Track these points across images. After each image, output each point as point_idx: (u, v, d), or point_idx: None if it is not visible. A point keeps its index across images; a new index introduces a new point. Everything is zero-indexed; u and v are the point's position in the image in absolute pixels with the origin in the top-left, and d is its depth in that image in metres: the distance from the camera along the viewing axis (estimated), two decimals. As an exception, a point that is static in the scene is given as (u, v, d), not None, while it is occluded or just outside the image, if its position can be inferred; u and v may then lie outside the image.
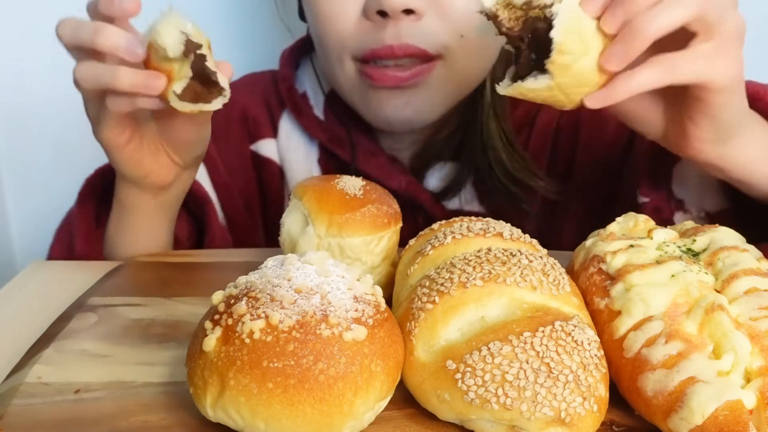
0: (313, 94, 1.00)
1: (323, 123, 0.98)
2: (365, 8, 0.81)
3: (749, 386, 0.46)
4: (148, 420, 0.49)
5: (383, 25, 0.80)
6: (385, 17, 0.79)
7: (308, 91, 1.00)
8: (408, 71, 0.82)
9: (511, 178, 0.91)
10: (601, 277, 0.56)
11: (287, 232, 0.66)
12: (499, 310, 0.51)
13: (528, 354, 0.46)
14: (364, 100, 0.88)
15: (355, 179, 0.67)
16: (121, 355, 0.57)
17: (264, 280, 0.48)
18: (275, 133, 1.02)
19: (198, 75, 0.62)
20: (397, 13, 0.78)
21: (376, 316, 0.48)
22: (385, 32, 0.80)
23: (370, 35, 0.81)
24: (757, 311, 0.49)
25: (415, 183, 0.95)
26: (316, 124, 0.98)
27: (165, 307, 0.66)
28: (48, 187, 1.26)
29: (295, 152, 1.01)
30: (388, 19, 0.79)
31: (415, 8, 0.78)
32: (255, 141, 1.01)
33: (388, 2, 0.77)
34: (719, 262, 0.55)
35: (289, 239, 0.66)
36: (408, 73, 0.82)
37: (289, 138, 1.01)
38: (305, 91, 1.00)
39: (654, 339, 0.49)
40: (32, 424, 0.48)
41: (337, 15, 0.82)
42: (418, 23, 0.80)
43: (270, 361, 0.44)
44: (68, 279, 0.76)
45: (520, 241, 0.59)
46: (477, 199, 0.96)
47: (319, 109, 0.99)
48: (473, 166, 0.93)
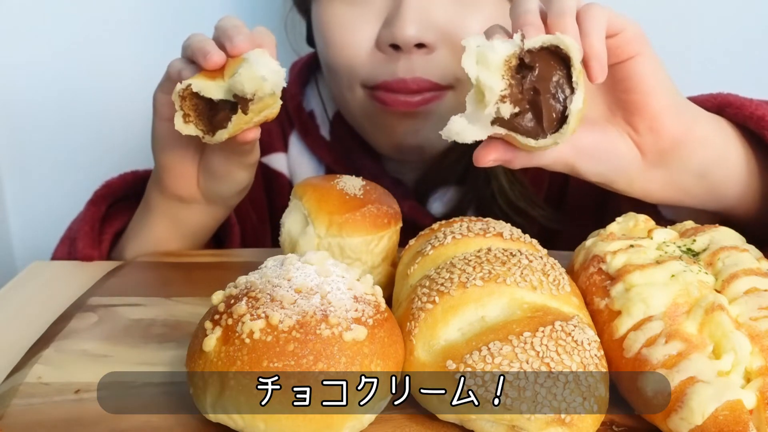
0: (319, 113, 1.01)
1: (329, 143, 0.99)
2: (378, 40, 0.81)
3: (749, 386, 0.46)
4: (148, 420, 0.49)
5: (396, 58, 0.81)
6: (398, 50, 0.80)
7: (315, 110, 1.01)
8: (420, 96, 0.83)
9: (513, 207, 0.91)
10: (601, 277, 0.56)
11: (287, 232, 0.66)
12: (499, 310, 0.51)
13: (528, 354, 0.46)
14: (375, 125, 0.89)
15: (355, 179, 0.66)
16: (121, 355, 0.57)
17: (264, 280, 0.48)
18: (286, 148, 1.03)
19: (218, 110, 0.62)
20: (410, 47, 0.79)
21: (376, 316, 0.48)
22: (398, 65, 0.81)
23: (383, 67, 0.82)
24: (757, 311, 0.49)
25: (418, 207, 0.95)
26: (321, 145, 0.99)
27: (165, 307, 0.66)
28: (48, 188, 1.26)
29: (304, 168, 1.02)
30: (400, 52, 0.80)
31: (427, 43, 0.79)
32: (267, 154, 1.02)
33: (401, 36, 0.78)
34: (719, 262, 0.54)
35: (290, 239, 0.66)
36: (419, 99, 0.82)
37: (299, 154, 1.02)
38: (312, 110, 1.01)
39: (654, 339, 0.49)
40: (32, 424, 0.48)
41: (349, 45, 0.83)
42: (429, 57, 0.81)
43: (270, 361, 0.44)
44: (68, 279, 0.76)
45: (520, 241, 0.59)
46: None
47: (326, 129, 1.00)
48: (476, 192, 0.94)
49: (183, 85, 0.61)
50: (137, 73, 1.20)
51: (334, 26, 0.84)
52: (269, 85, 0.60)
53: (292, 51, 1.10)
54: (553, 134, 0.53)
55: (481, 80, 0.52)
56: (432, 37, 0.80)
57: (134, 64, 1.19)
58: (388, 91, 0.83)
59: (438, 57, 0.81)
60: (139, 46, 1.20)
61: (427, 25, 0.79)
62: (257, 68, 0.59)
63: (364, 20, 0.82)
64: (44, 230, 1.28)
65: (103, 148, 1.24)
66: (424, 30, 0.79)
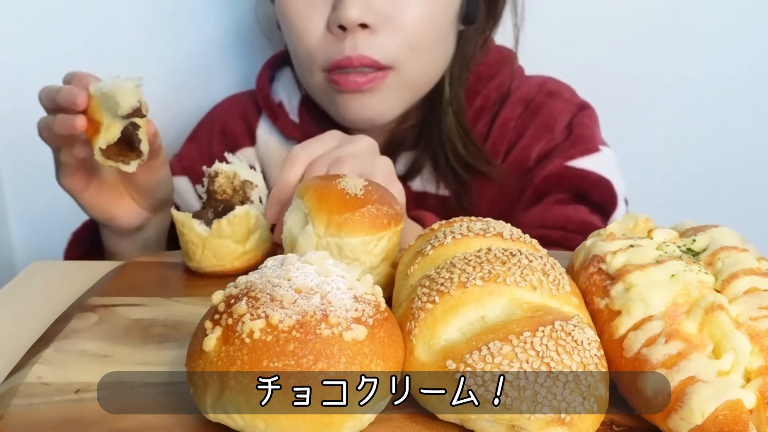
0: (288, 102, 1.11)
1: (298, 125, 1.10)
2: (328, 23, 0.94)
3: (749, 386, 0.46)
4: (148, 420, 0.49)
5: (343, 38, 0.93)
6: (345, 31, 0.92)
7: (284, 100, 1.12)
8: (365, 78, 0.95)
9: (464, 165, 1.03)
10: (601, 277, 0.56)
11: (288, 231, 0.66)
12: (499, 310, 0.51)
13: (528, 354, 0.46)
14: (332, 103, 1.00)
15: (357, 179, 0.66)
16: (121, 355, 0.57)
17: (264, 280, 0.48)
18: (253, 142, 1.14)
19: (125, 137, 0.71)
20: (353, 27, 0.91)
21: (376, 316, 0.48)
22: (345, 44, 0.92)
23: (333, 47, 0.94)
24: (757, 311, 0.49)
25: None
26: (291, 126, 1.10)
27: (165, 307, 0.66)
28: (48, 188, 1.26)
29: (273, 155, 1.12)
30: (346, 32, 0.92)
31: (368, 23, 0.91)
32: (234, 151, 1.07)
33: (345, 17, 0.90)
34: (719, 261, 0.54)
35: (290, 238, 0.66)
36: (365, 79, 0.95)
37: (266, 144, 1.13)
38: (281, 101, 1.12)
39: (654, 339, 0.49)
40: (32, 424, 0.48)
41: (305, 29, 0.95)
42: (372, 37, 0.92)
43: (270, 361, 0.44)
44: (68, 279, 0.76)
45: (520, 241, 0.59)
46: (434, 182, 1.08)
47: (294, 115, 1.11)
48: (432, 152, 1.05)
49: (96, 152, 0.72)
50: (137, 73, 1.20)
51: (291, 13, 0.96)
52: (133, 84, 0.71)
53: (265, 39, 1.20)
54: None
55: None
56: (373, 18, 0.91)
57: (134, 64, 1.19)
58: (341, 74, 0.94)
59: (379, 38, 0.93)
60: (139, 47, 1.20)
61: (368, 7, 0.91)
62: (120, 89, 0.70)
63: (315, 7, 0.94)
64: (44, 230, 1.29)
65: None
66: (365, 11, 0.90)
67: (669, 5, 1.22)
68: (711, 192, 1.34)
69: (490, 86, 1.06)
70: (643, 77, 1.26)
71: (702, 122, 1.30)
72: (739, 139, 1.31)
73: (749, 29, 1.22)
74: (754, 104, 1.28)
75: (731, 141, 1.31)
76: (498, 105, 1.07)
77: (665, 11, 1.22)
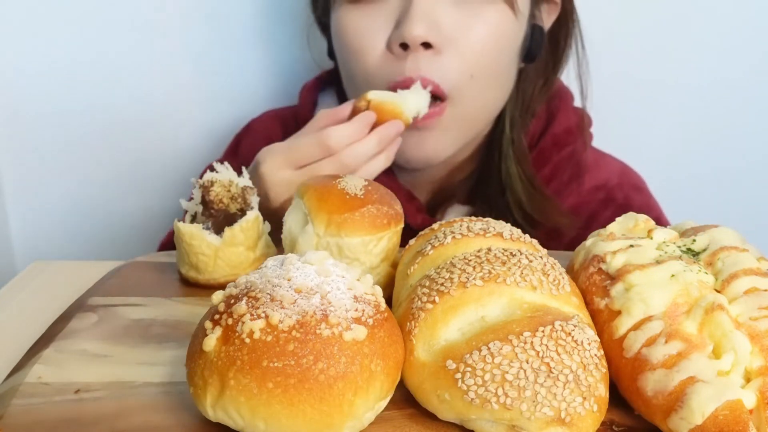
0: None
1: None
2: (389, 42, 0.88)
3: (749, 386, 0.46)
4: (148, 420, 0.49)
5: (404, 57, 0.87)
6: (406, 50, 0.86)
7: None
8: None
9: (529, 220, 0.96)
10: (601, 277, 0.56)
11: (288, 230, 0.66)
12: (499, 310, 0.51)
13: (528, 354, 0.46)
14: None
15: (357, 179, 0.66)
16: (121, 355, 0.57)
17: (264, 280, 0.48)
18: None
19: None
20: (416, 46, 0.85)
21: (376, 316, 0.48)
22: (406, 64, 0.87)
23: (393, 67, 0.88)
24: (757, 311, 0.49)
25: (431, 221, 0.97)
26: None
27: (165, 307, 0.66)
28: (48, 187, 1.26)
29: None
30: (408, 51, 0.86)
31: (433, 43, 0.85)
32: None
33: (409, 34, 0.84)
34: (719, 261, 0.54)
35: (290, 237, 0.66)
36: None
37: None
38: None
39: (654, 339, 0.49)
40: (32, 424, 0.48)
41: (364, 48, 0.90)
42: (435, 58, 0.87)
43: (270, 361, 0.44)
44: (68, 279, 0.76)
45: (520, 241, 0.59)
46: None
47: None
48: (490, 206, 0.99)
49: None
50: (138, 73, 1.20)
51: (350, 33, 0.91)
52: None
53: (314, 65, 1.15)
54: None
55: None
56: (438, 37, 0.85)
57: (135, 64, 1.19)
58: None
59: (442, 60, 0.87)
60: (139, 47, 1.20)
61: (434, 26, 0.85)
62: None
63: (376, 26, 0.89)
64: (44, 230, 1.29)
65: (103, 149, 1.24)
66: (430, 30, 0.85)
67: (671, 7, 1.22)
68: (711, 192, 1.34)
69: (563, 153, 1.00)
70: (644, 78, 1.26)
71: (702, 123, 1.30)
72: (739, 139, 1.31)
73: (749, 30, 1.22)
74: (754, 105, 1.28)
75: (731, 141, 1.31)
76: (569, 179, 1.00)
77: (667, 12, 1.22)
